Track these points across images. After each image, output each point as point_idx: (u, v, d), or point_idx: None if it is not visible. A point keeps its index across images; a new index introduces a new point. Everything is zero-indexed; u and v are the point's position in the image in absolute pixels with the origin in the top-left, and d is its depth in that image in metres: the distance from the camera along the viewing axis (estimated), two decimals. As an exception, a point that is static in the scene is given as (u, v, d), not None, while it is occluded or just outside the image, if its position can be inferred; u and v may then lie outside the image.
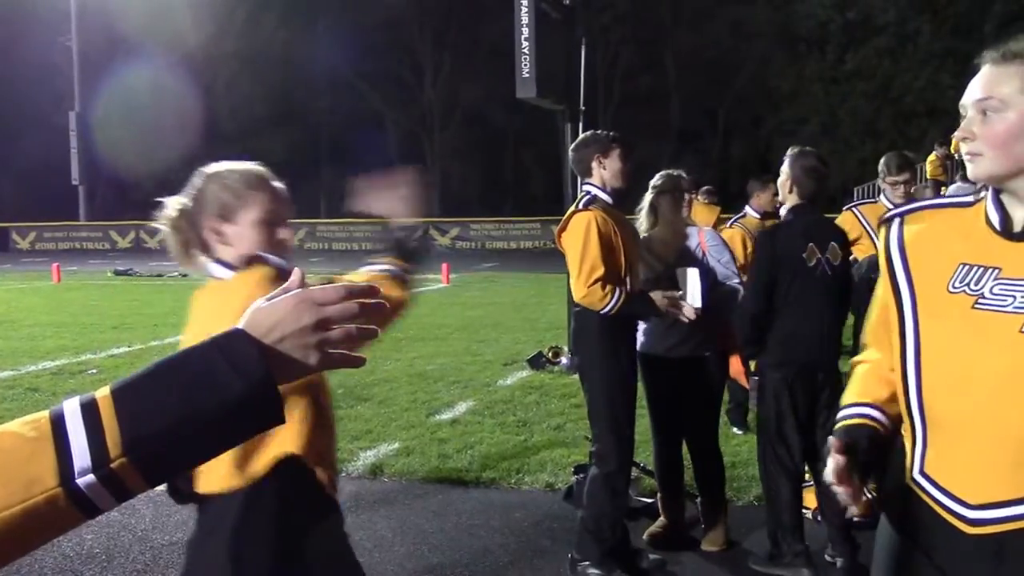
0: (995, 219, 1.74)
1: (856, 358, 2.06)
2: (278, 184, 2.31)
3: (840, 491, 1.71)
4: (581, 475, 5.40)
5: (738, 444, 6.34)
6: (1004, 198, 1.74)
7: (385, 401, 8.17)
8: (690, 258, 4.74)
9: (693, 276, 4.57)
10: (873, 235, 5.55)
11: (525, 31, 8.86)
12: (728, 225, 6.99)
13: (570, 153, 4.59)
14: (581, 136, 4.54)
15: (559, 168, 9.93)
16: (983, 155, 1.69)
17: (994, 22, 32.10)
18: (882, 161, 5.83)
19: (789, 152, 4.36)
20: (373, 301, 1.17)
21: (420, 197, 2.64)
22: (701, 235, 4.92)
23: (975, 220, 1.78)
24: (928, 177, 18.39)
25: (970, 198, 1.86)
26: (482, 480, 5.87)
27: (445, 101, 44.27)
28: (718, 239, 5.04)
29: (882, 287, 1.90)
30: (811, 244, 4.17)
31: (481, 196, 43.29)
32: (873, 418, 1.87)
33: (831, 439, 1.77)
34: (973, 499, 1.68)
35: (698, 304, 4.43)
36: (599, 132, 4.52)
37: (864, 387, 1.95)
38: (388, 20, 40.94)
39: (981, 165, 1.70)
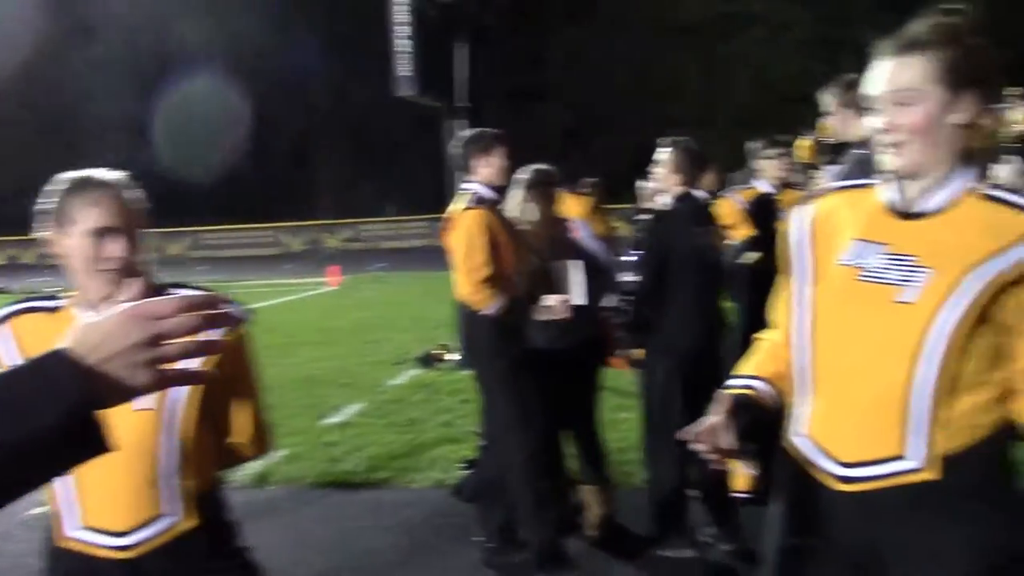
0: (888, 199, 1.84)
1: (759, 334, 2.12)
2: (116, 192, 2.05)
3: (701, 447, 1.75)
4: (471, 470, 5.41)
5: (628, 429, 6.41)
6: (902, 180, 1.82)
7: (271, 407, 7.98)
8: (575, 251, 4.77)
9: (574, 270, 4.60)
10: (751, 219, 5.71)
11: (403, 29, 8.81)
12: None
13: (454, 151, 4.54)
14: (464, 134, 4.50)
15: (444, 167, 9.85)
16: (907, 145, 1.75)
17: (862, 11, 33.26)
18: (754, 145, 6.00)
19: (666, 142, 4.41)
20: (215, 312, 1.09)
21: None
22: (576, 230, 4.97)
23: (870, 200, 1.89)
24: (801, 161, 18.99)
25: (870, 180, 1.95)
26: (372, 481, 5.82)
27: (328, 102, 43.63)
28: (590, 231, 5.10)
29: (785, 263, 1.99)
30: (695, 229, 4.24)
31: (370, 196, 42.87)
32: (757, 389, 1.94)
33: (719, 395, 1.85)
34: (845, 457, 1.78)
35: (581, 299, 4.46)
36: (482, 130, 4.48)
37: (757, 361, 2.03)
38: (272, 20, 40.12)
39: (906, 155, 1.75)
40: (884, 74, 1.77)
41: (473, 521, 4.71)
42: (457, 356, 9.58)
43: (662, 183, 4.46)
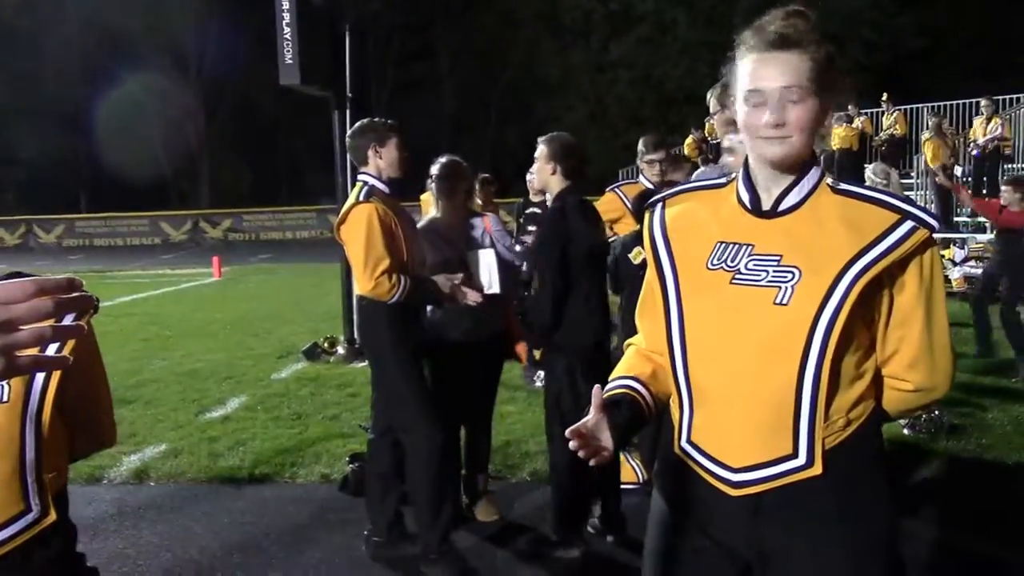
0: (746, 198, 1.85)
1: (629, 339, 2.12)
2: None
3: (575, 445, 1.74)
4: (357, 464, 5.36)
5: (512, 422, 6.47)
6: (756, 179, 1.85)
7: (151, 402, 7.80)
8: (475, 244, 4.78)
9: (486, 258, 4.60)
10: (634, 214, 5.80)
11: (286, 16, 8.63)
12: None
13: (347, 141, 4.47)
14: (358, 124, 4.42)
15: (332, 157, 9.70)
16: (792, 139, 1.76)
17: (742, 14, 34.20)
18: (640, 142, 6.09)
19: (542, 140, 4.40)
20: (72, 296, 1.03)
21: None
22: (487, 220, 4.98)
23: (727, 200, 1.90)
24: (711, 135, 19.42)
25: (723, 180, 1.96)
26: (255, 477, 5.71)
27: (211, 90, 42.45)
28: (501, 224, 5.11)
29: (649, 270, 1.98)
30: (585, 224, 4.26)
31: (254, 186, 41.96)
32: (635, 389, 1.94)
33: (594, 393, 1.82)
34: (736, 463, 1.80)
35: (495, 288, 4.46)
36: (376, 120, 4.41)
37: (630, 363, 2.03)
38: (147, 4, 38.75)
39: (790, 147, 1.77)
40: (775, 68, 1.76)
41: (360, 516, 4.68)
42: (343, 350, 9.52)
43: (539, 178, 4.47)
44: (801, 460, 1.76)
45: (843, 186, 1.82)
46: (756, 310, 1.74)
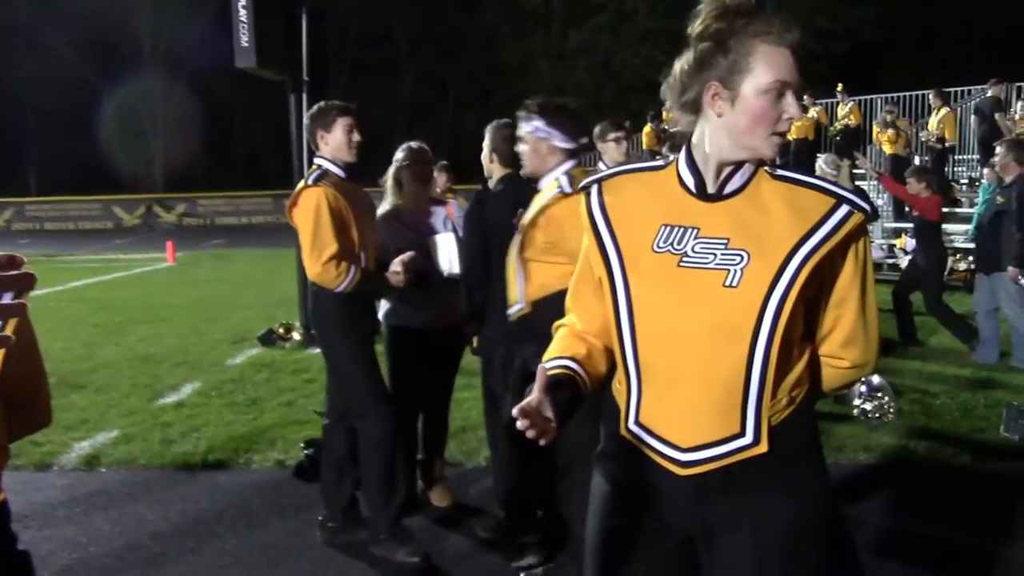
0: (690, 182, 1.85)
1: (558, 322, 2.12)
2: None
3: (523, 424, 1.71)
4: (311, 450, 5.34)
5: (468, 408, 6.47)
6: (700, 163, 1.85)
7: (103, 388, 7.70)
8: (437, 231, 4.76)
9: (445, 242, 4.59)
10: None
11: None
12: None
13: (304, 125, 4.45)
14: (313, 107, 4.41)
15: (289, 141, 9.62)
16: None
17: (698, 3, 34.37)
18: (596, 129, 6.12)
19: (489, 126, 4.40)
20: (12, 274, 1.02)
21: None
22: (449, 207, 4.97)
23: (668, 182, 1.89)
24: (644, 148, 19.53)
25: (659, 163, 1.96)
26: (209, 463, 5.66)
27: (166, 71, 41.79)
28: (463, 210, 5.10)
29: (585, 253, 1.98)
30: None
31: (209, 170, 41.42)
32: (573, 369, 1.94)
33: (538, 372, 1.79)
34: (685, 443, 1.82)
35: (455, 270, 4.45)
36: (326, 104, 4.39)
37: (565, 344, 2.02)
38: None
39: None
40: (794, 65, 1.78)
41: (315, 502, 4.66)
42: (299, 336, 9.46)
43: (486, 166, 4.45)
44: (748, 439, 1.80)
45: (780, 172, 1.85)
46: (706, 293, 1.76)
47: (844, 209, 1.77)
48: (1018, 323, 8.08)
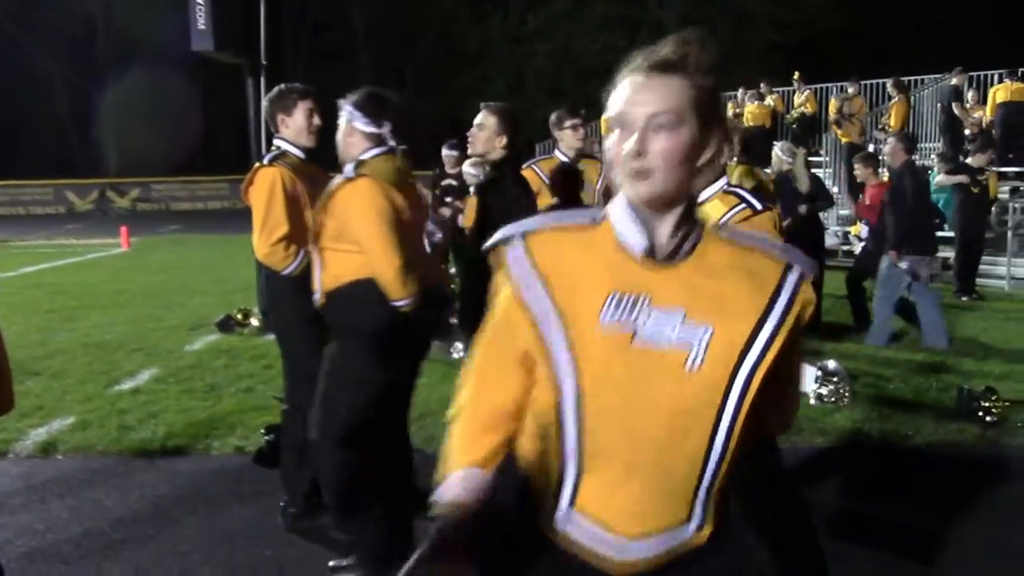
0: (635, 243, 1.60)
1: (457, 405, 1.85)
2: None
3: None
4: (272, 436, 5.32)
5: (428, 395, 6.47)
6: (647, 220, 1.60)
7: (58, 374, 7.61)
8: None
9: None
10: (550, 187, 5.85)
11: (200, -20, 8.43)
12: None
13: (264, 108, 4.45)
14: (273, 90, 4.40)
15: (247, 125, 9.54)
16: (656, 173, 1.54)
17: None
18: (552, 116, 6.12)
19: (490, 108, 4.43)
20: None
21: None
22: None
23: (605, 244, 1.64)
24: (603, 134, 19.60)
25: (586, 218, 1.69)
26: (167, 449, 5.63)
27: (119, 55, 41.05)
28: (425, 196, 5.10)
29: (506, 319, 1.71)
30: (524, 196, 4.28)
31: (164, 155, 40.84)
32: (469, 490, 1.76)
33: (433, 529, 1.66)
34: (633, 531, 1.64)
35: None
36: (287, 86, 4.38)
37: (468, 442, 1.80)
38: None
39: (654, 184, 1.54)
40: (640, 92, 1.55)
41: (275, 488, 4.66)
42: (257, 322, 9.40)
43: (484, 147, 4.45)
44: (694, 524, 1.66)
45: (730, 234, 1.68)
46: (665, 377, 1.57)
47: (795, 273, 1.63)
48: (879, 309, 8.45)
